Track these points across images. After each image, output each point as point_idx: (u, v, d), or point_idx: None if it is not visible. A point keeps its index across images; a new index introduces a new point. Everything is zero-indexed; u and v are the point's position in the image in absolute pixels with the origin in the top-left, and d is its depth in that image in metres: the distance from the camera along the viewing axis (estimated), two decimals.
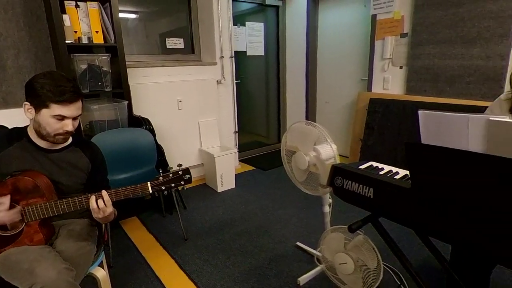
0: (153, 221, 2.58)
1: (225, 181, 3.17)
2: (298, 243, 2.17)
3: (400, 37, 3.04)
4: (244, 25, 3.86)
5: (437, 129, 0.96)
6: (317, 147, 1.55)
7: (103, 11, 2.34)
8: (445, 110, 0.94)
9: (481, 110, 1.36)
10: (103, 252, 1.46)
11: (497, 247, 0.81)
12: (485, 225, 0.83)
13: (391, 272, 1.83)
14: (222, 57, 3.41)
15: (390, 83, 3.22)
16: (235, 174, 3.31)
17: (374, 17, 3.21)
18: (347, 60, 3.80)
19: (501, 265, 1.44)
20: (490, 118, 0.84)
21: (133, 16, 3.11)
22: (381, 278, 1.36)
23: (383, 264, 1.37)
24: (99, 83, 2.41)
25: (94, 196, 1.19)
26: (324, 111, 4.26)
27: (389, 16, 3.09)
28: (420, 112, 0.99)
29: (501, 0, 2.36)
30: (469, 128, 0.88)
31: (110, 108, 2.44)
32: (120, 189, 1.21)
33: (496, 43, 2.43)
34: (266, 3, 4.00)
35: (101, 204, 1.18)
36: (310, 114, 4.31)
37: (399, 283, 1.76)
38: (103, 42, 2.38)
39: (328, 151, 1.54)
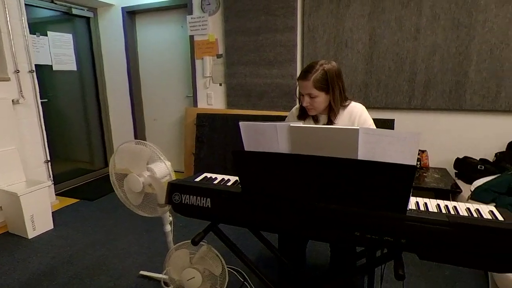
0: None
1: (38, 223, 2.57)
2: (142, 272, 2.01)
3: (217, 58, 3.37)
4: (46, 35, 3.29)
5: (256, 136, 1.11)
6: (151, 166, 1.50)
7: None
8: (260, 120, 1.11)
9: (284, 119, 1.68)
10: None
11: (305, 227, 1.02)
12: (297, 212, 1.02)
13: (235, 273, 1.97)
14: (17, 71, 2.77)
15: (213, 98, 3.50)
16: (52, 212, 2.74)
17: (192, 37, 3.42)
18: (172, 78, 3.87)
19: (311, 240, 1.81)
20: (291, 125, 1.05)
21: None
22: (227, 281, 1.45)
23: (227, 267, 1.46)
24: None
25: None
26: (154, 128, 4.17)
27: (205, 38, 3.37)
28: (240, 123, 1.12)
29: (287, 33, 3.01)
30: (278, 134, 1.07)
31: None
32: None
33: (287, 65, 3.08)
34: (73, 13, 3.56)
35: None
36: (139, 133, 4.11)
37: (242, 280, 1.91)
38: None
39: (163, 169, 1.51)
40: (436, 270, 2.01)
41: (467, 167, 2.57)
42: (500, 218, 0.95)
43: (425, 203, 1.10)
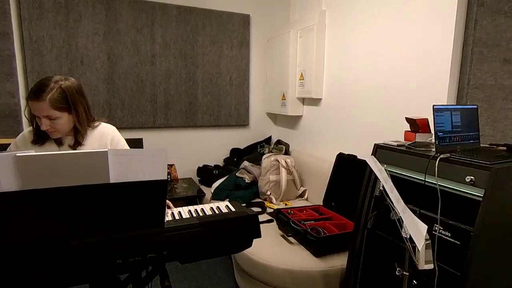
0: None
1: None
2: None
3: None
4: None
5: None
6: None
7: None
8: None
9: (6, 147, 1.32)
10: None
11: (56, 276, 0.85)
12: (41, 260, 0.83)
13: None
14: None
15: None
16: None
17: None
18: None
19: None
20: (17, 155, 0.83)
21: None
22: None
23: None
24: None
25: None
26: None
27: None
28: None
29: None
30: None
31: None
32: None
33: (4, 81, 2.44)
34: None
35: None
36: None
37: None
38: None
39: None
40: (195, 269, 2.25)
41: (206, 173, 3.08)
42: (233, 209, 1.21)
43: (179, 212, 1.21)
